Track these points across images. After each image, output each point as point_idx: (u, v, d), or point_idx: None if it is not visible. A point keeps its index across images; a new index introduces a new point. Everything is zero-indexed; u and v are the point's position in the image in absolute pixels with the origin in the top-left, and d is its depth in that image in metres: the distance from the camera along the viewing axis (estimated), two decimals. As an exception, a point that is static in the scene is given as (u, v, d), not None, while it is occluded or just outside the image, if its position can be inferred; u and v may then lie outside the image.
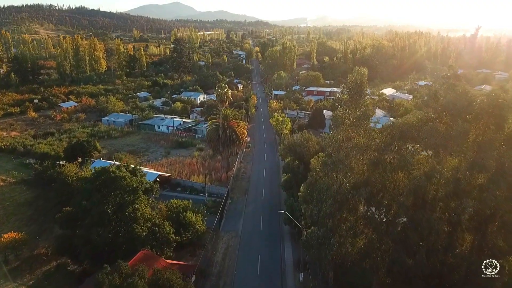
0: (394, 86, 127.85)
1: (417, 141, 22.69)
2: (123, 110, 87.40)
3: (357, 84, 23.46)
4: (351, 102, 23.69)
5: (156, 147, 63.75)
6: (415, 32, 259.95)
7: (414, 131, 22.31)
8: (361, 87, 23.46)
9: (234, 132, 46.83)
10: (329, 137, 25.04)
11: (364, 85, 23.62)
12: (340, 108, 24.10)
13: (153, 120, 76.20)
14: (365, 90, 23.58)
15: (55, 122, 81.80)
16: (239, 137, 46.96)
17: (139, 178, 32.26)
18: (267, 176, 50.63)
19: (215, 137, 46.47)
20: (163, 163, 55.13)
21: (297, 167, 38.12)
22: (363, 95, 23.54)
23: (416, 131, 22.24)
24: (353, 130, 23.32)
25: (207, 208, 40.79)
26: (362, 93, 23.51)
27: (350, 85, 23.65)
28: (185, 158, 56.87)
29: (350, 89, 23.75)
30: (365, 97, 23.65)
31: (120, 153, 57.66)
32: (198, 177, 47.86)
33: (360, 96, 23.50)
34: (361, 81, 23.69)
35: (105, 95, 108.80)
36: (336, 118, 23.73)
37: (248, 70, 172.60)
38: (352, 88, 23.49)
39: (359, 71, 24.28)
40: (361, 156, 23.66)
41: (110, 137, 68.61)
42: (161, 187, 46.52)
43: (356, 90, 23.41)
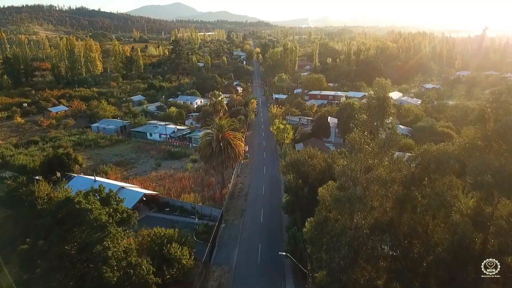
0: (400, 89, 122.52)
1: (460, 176, 17.55)
2: (115, 115, 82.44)
3: (378, 99, 18.38)
4: (372, 122, 18.61)
5: (146, 157, 58.72)
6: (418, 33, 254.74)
7: (455, 162, 17.16)
8: (384, 104, 18.38)
9: (230, 145, 41.78)
10: (343, 165, 19.91)
11: (388, 100, 18.52)
12: (357, 130, 18.99)
13: (145, 127, 71.18)
14: (389, 107, 18.47)
15: (42, 129, 76.92)
16: (235, 150, 41.90)
17: (114, 206, 27.26)
18: (267, 193, 45.54)
19: (208, 150, 41.42)
20: (152, 177, 50.10)
21: (300, 189, 33.01)
22: (387, 113, 18.42)
23: (459, 163, 17.10)
24: (374, 158, 18.21)
25: (198, 234, 35.73)
26: (386, 111, 18.41)
27: (370, 100, 18.55)
28: (176, 171, 51.83)
29: (370, 105, 18.66)
30: (389, 116, 18.53)
31: (106, 165, 52.71)
32: (190, 195, 42.80)
33: (383, 115, 18.41)
34: (383, 95, 18.62)
35: (98, 98, 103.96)
36: (352, 142, 18.64)
37: (248, 72, 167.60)
38: (373, 105, 18.41)
39: (381, 83, 19.12)
40: (384, 192, 18.52)
41: (97, 146, 63.65)
42: (147, 207, 41.55)
43: (378, 107, 18.33)
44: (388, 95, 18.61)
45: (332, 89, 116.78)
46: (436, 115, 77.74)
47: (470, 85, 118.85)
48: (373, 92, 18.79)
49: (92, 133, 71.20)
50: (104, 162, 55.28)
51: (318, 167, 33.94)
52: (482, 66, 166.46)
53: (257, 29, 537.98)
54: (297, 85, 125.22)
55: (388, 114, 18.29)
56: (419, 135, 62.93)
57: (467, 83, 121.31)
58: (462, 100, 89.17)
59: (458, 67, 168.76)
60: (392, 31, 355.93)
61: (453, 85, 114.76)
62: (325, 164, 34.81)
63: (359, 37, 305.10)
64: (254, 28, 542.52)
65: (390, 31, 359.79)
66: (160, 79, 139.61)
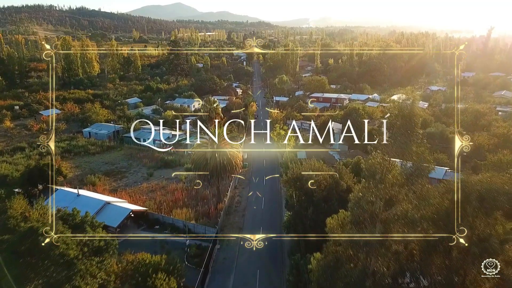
0: (405, 92, 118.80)
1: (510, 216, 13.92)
2: (108, 119, 78.80)
3: (404, 118, 14.78)
4: (395, 145, 14.99)
5: (139, 166, 55.10)
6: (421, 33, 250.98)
7: (505, 200, 13.51)
8: (411, 123, 14.76)
9: (226, 157, 38.16)
10: (357, 196, 16.28)
11: (416, 118, 14.91)
12: (376, 154, 15.37)
13: (138, 133, 67.44)
14: (417, 128, 14.84)
15: (32, 133, 73.40)
16: (232, 162, 38.28)
17: (91, 233, 23.68)
18: (267, 208, 41.91)
19: (202, 162, 37.81)
20: (143, 188, 46.50)
21: (304, 209, 29.36)
22: (416, 135, 14.79)
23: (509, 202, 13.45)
24: (399, 190, 14.60)
25: (189, 257, 32.11)
26: (414, 131, 14.79)
27: (394, 120, 14.94)
28: (169, 182, 48.22)
29: (393, 124, 15.04)
30: (418, 139, 14.90)
31: (95, 176, 49.11)
32: (182, 210, 39.19)
33: (409, 136, 14.79)
34: (410, 112, 15.00)
35: (93, 101, 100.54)
36: (370, 170, 15.02)
37: (248, 73, 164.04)
38: (397, 124, 14.79)
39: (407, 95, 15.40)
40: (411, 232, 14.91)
41: (87, 153, 60.03)
42: (135, 224, 37.93)
43: (404, 127, 14.72)
44: (415, 111, 14.98)
45: (334, 91, 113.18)
46: (445, 119, 73.99)
47: (477, 87, 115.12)
48: (397, 107, 15.15)
49: (83, 138, 67.55)
50: (93, 172, 51.70)
51: (323, 183, 30.28)
52: (488, 67, 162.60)
53: (258, 29, 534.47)
54: (298, 87, 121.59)
55: (418, 136, 14.62)
56: (429, 142, 59.28)
57: (474, 85, 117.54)
58: (471, 104, 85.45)
59: (463, 68, 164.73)
60: (393, 32, 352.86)
61: (459, 87, 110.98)
62: (331, 181, 31.17)
63: (361, 37, 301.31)
64: (255, 29, 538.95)
65: (391, 31, 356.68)
66: (158, 80, 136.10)
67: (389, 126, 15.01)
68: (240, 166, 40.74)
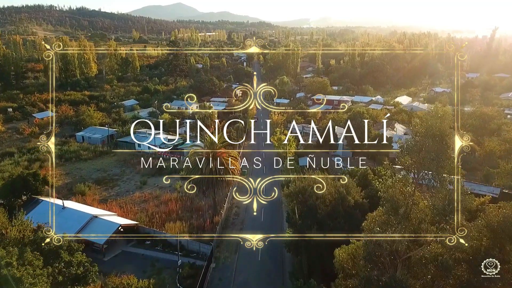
0: (409, 93, 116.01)
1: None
2: (103, 123, 76.14)
3: (434, 136, 12.06)
4: (421, 169, 12.27)
5: (132, 173, 52.41)
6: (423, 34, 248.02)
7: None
8: (443, 143, 12.06)
9: (223, 166, 35.45)
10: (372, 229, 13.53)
11: (448, 137, 12.20)
12: (397, 181, 12.61)
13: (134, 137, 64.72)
14: (450, 150, 12.12)
15: (23, 137, 70.80)
16: (230, 172, 35.56)
17: (66, 259, 20.98)
18: (266, 220, 39.19)
19: (197, 173, 35.08)
20: (135, 198, 43.81)
21: (307, 228, 26.61)
22: (448, 158, 12.06)
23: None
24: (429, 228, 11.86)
25: (182, 278, 29.41)
26: (446, 153, 12.07)
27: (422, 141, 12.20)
28: (163, 191, 45.52)
29: (421, 148, 12.29)
30: (451, 162, 12.16)
31: (85, 184, 46.43)
32: (175, 223, 36.51)
33: (440, 159, 12.07)
34: (440, 129, 12.28)
35: (89, 103, 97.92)
36: (392, 202, 12.28)
37: (248, 74, 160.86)
38: (426, 147, 12.05)
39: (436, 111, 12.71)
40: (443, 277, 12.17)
41: (79, 159, 57.33)
42: (125, 239, 35.22)
43: (433, 149, 12.01)
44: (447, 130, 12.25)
45: (336, 93, 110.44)
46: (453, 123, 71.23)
47: (483, 89, 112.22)
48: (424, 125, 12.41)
49: (75, 143, 64.85)
50: (83, 179, 49.05)
51: (328, 198, 27.56)
52: (492, 68, 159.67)
53: (259, 29, 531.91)
54: (299, 89, 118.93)
55: (450, 159, 11.89)
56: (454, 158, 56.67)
57: (479, 86, 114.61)
58: (478, 106, 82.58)
59: (467, 69, 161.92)
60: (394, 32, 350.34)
61: (465, 89, 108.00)
62: (337, 195, 28.43)
63: (362, 37, 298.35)
64: (255, 29, 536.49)
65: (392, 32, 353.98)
66: (157, 81, 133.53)
67: (414, 146, 12.25)
68: (238, 175, 37.99)
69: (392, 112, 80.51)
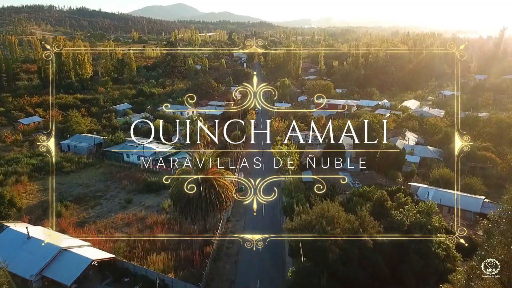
0: (416, 97, 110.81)
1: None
2: (91, 129, 71.14)
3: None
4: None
5: (117, 189, 47.32)
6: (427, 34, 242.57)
7: None
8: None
9: (214, 189, 30.31)
10: None
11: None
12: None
13: (122, 146, 59.79)
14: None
15: (5, 146, 65.84)
16: (222, 196, 30.45)
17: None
18: (266, 250, 33.94)
19: (184, 198, 30.00)
20: (117, 221, 38.74)
21: (316, 277, 21.41)
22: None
23: None
24: None
25: (162, 331, 24.32)
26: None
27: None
28: (150, 211, 40.51)
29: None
30: None
31: (62, 203, 41.39)
32: (159, 256, 31.39)
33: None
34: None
35: (80, 107, 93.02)
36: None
37: (248, 75, 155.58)
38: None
39: None
40: None
41: (61, 171, 52.28)
42: (100, 275, 30.13)
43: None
44: None
45: (340, 96, 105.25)
46: (467, 131, 65.62)
47: (494, 92, 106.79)
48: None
49: (59, 153, 59.70)
50: (62, 197, 44.02)
51: (340, 241, 22.39)
52: (501, 70, 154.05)
53: (260, 29, 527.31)
54: (301, 91, 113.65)
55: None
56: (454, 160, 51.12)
57: (491, 89, 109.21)
58: (493, 112, 77.21)
59: (475, 71, 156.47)
60: (396, 32, 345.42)
61: (476, 92, 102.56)
62: (350, 231, 23.28)
63: (364, 37, 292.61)
64: (256, 29, 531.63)
65: (394, 32, 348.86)
66: (154, 83, 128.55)
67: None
68: (232, 199, 32.89)
69: (401, 118, 75.23)
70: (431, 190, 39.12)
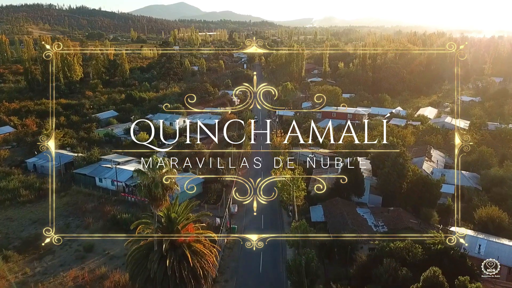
0: (432, 103, 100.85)
1: None
2: (65, 144, 61.80)
3: None
4: None
5: (79, 229, 37.94)
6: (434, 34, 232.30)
7: None
8: None
9: (186, 261, 20.84)
10: None
11: None
12: None
13: (95, 168, 50.24)
14: None
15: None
16: (199, 270, 21.01)
17: None
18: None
19: (144, 272, 20.61)
20: (67, 281, 29.35)
21: None
22: None
23: None
24: None
25: None
26: None
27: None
28: (114, 265, 31.15)
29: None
30: None
31: (2, 253, 32.07)
32: None
33: None
34: None
35: (61, 114, 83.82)
36: None
37: (248, 78, 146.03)
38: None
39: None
40: None
41: (16, 201, 43.00)
42: None
43: None
44: None
45: (348, 102, 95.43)
46: (503, 148, 55.81)
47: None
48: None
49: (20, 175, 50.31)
50: (7, 241, 34.77)
51: None
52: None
53: (261, 29, 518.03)
54: (306, 97, 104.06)
55: None
56: (496, 190, 41.38)
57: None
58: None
59: (490, 73, 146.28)
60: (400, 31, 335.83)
61: (499, 99, 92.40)
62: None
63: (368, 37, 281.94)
64: (258, 28, 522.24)
65: (397, 31, 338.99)
66: (147, 86, 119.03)
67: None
68: (213, 272, 23.46)
69: (420, 131, 65.53)
70: (483, 241, 29.53)
